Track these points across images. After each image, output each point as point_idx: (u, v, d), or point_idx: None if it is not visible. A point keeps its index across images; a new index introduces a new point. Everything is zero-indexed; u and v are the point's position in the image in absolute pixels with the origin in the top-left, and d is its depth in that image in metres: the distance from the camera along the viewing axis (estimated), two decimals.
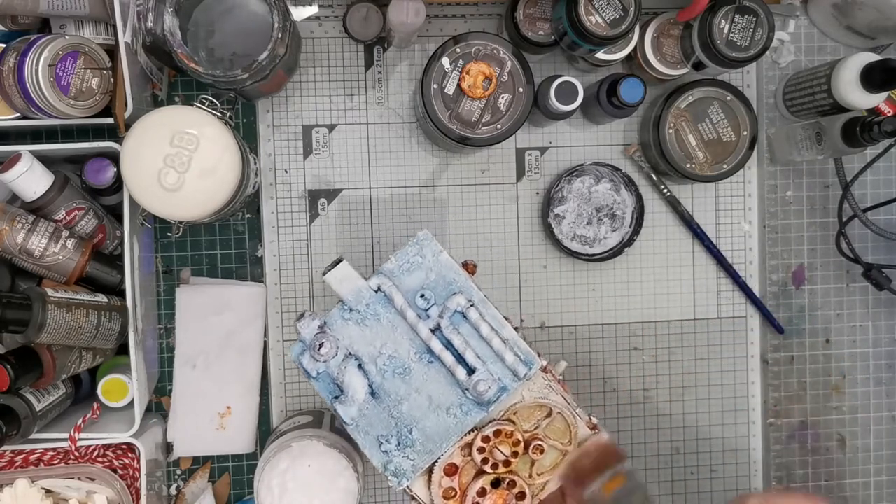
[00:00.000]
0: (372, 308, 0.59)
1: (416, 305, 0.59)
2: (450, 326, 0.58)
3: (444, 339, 0.59)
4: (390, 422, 0.59)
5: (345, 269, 0.59)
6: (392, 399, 0.59)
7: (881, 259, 0.82)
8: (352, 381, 0.58)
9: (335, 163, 0.78)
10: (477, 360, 0.58)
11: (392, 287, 0.59)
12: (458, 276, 0.60)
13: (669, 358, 0.82)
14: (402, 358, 0.59)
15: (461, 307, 0.59)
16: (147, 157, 0.61)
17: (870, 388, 0.84)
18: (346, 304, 0.59)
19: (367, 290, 0.59)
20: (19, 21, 0.67)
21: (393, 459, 0.58)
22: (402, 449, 0.58)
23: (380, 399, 0.59)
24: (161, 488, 0.75)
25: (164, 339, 0.78)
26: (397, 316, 0.59)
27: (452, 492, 0.59)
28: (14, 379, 0.62)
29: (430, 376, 0.59)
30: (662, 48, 0.75)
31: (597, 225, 0.79)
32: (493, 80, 0.69)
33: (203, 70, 0.62)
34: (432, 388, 0.59)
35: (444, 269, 0.60)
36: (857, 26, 0.78)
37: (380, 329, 0.59)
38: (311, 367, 0.59)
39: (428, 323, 0.59)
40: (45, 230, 0.66)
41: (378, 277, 0.59)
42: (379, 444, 0.59)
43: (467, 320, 0.59)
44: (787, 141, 0.78)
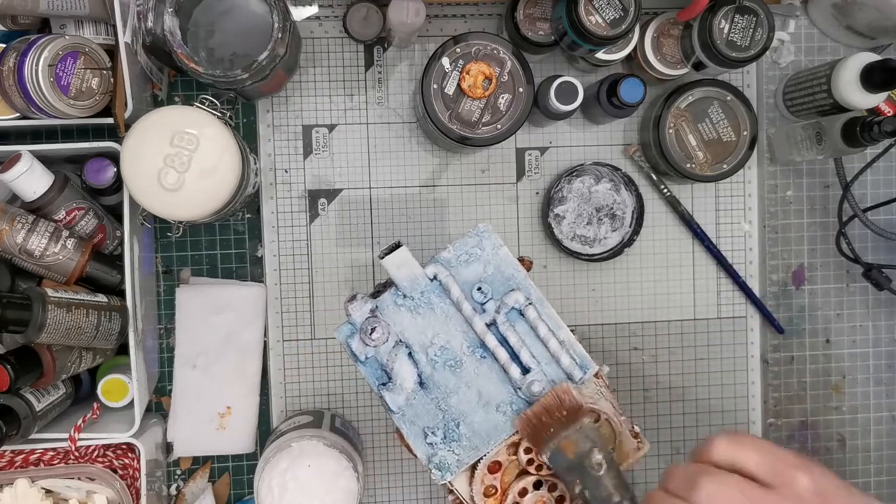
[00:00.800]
0: (426, 297, 0.58)
1: (472, 298, 0.58)
2: (506, 323, 0.58)
3: (499, 335, 0.58)
4: (437, 414, 0.58)
5: (403, 255, 0.58)
6: (441, 391, 0.58)
7: (881, 259, 0.82)
8: (401, 370, 0.57)
9: (335, 163, 0.78)
10: (532, 360, 0.57)
11: (449, 277, 0.58)
12: (517, 272, 0.59)
13: (669, 358, 0.82)
14: (454, 350, 0.58)
15: (519, 304, 0.58)
16: (147, 157, 0.61)
17: (870, 388, 0.84)
18: (401, 290, 0.58)
19: (423, 278, 0.58)
20: (19, 21, 0.67)
21: (438, 452, 0.58)
22: (448, 443, 0.58)
23: (428, 390, 0.58)
24: (161, 488, 0.75)
25: (164, 339, 0.78)
26: (452, 307, 0.58)
27: (493, 490, 0.59)
28: (14, 379, 0.62)
29: (482, 371, 0.58)
30: (662, 48, 0.75)
31: (597, 225, 0.79)
32: (493, 80, 0.69)
33: (203, 70, 0.62)
34: (483, 383, 0.58)
35: (503, 264, 0.59)
36: (857, 26, 0.78)
37: (433, 319, 0.58)
38: (359, 351, 0.58)
39: (484, 317, 0.58)
40: (45, 230, 0.66)
41: (435, 266, 0.58)
42: (424, 436, 0.58)
43: (524, 318, 0.58)
44: (787, 141, 0.78)
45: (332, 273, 0.78)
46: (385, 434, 0.79)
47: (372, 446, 0.79)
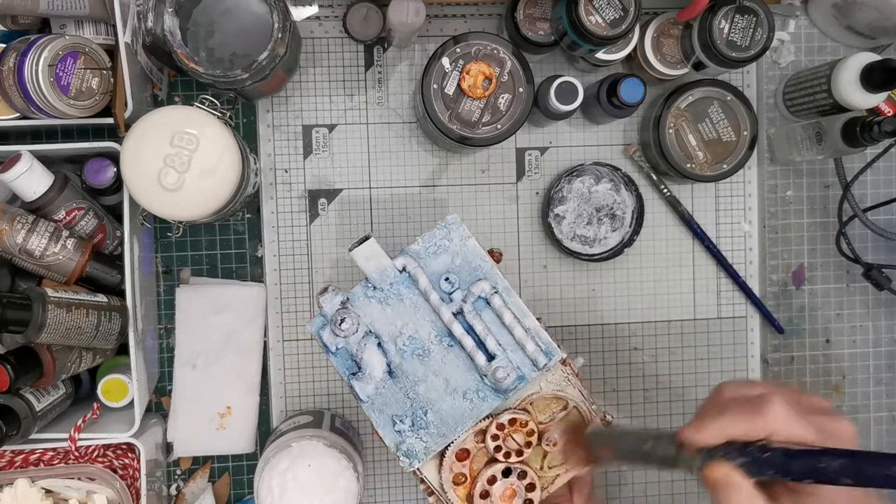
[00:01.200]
0: (395, 288, 0.59)
1: (439, 288, 0.59)
2: (472, 311, 0.59)
3: (465, 323, 0.59)
4: (406, 402, 0.59)
5: (372, 247, 0.59)
6: (409, 380, 0.59)
7: (881, 259, 0.82)
8: (370, 359, 0.58)
9: (335, 163, 0.78)
10: (497, 347, 0.58)
11: (417, 268, 0.59)
12: (484, 262, 0.60)
13: (669, 358, 0.82)
14: (422, 339, 0.59)
15: (485, 293, 0.59)
16: (147, 157, 0.61)
17: (870, 388, 0.84)
18: (370, 282, 0.59)
19: (391, 270, 0.59)
20: (19, 21, 0.67)
21: (406, 440, 0.58)
22: (415, 430, 0.59)
23: (397, 379, 0.59)
24: (161, 488, 0.75)
25: (164, 339, 0.78)
26: (420, 297, 0.59)
27: (462, 477, 0.59)
28: (14, 379, 0.62)
29: (449, 360, 0.59)
30: (662, 48, 0.75)
31: (597, 225, 0.79)
32: (493, 80, 0.69)
33: (203, 70, 0.62)
34: (450, 371, 0.59)
35: (471, 255, 0.60)
36: (857, 26, 0.78)
37: (402, 309, 0.59)
38: (330, 342, 0.59)
39: (451, 306, 0.59)
40: (45, 230, 0.66)
41: (404, 258, 0.59)
42: (393, 424, 0.59)
43: (490, 307, 0.59)
44: (787, 141, 0.78)
45: (332, 273, 0.78)
46: None
47: (372, 446, 0.79)
